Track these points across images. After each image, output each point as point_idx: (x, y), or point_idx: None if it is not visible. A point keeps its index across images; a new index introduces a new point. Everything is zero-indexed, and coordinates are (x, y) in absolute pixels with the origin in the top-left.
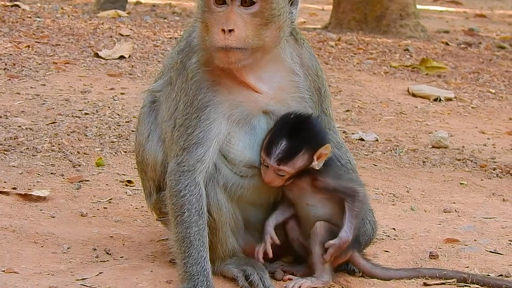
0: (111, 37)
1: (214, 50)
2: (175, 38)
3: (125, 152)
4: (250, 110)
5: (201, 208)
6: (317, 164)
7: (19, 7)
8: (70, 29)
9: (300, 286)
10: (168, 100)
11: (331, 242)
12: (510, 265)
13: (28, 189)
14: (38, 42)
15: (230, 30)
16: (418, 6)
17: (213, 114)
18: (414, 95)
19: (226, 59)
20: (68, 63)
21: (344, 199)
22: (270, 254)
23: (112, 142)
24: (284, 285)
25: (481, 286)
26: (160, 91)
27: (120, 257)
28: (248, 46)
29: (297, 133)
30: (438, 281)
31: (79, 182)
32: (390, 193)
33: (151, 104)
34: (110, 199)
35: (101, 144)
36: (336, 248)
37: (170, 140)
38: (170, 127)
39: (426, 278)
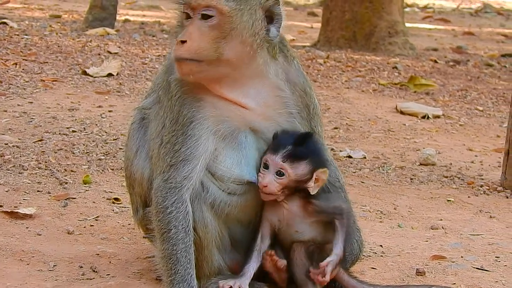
0: (99, 54)
1: (173, 61)
2: (164, 55)
3: (112, 169)
4: (237, 125)
5: (187, 225)
6: (312, 188)
7: (7, 24)
8: (58, 46)
9: None
10: (157, 118)
11: (329, 259)
12: (497, 281)
13: (15, 207)
14: (26, 60)
15: (182, 41)
16: (407, 24)
17: (199, 131)
18: (402, 113)
19: (179, 70)
20: (55, 80)
21: (333, 218)
22: None
23: (99, 159)
24: None
25: None
26: (150, 108)
27: (107, 274)
28: (202, 58)
29: (304, 142)
30: None
31: (65, 199)
32: (378, 210)
33: (141, 121)
34: (97, 216)
35: (88, 161)
36: (334, 265)
37: (157, 157)
38: (157, 144)
39: None
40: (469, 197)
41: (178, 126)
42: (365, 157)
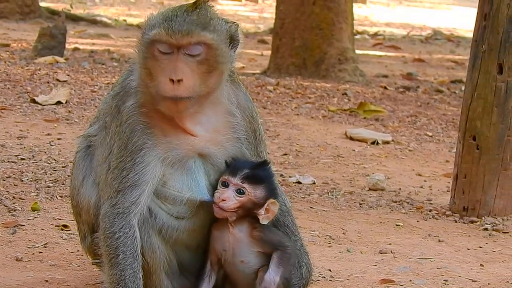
0: (48, 82)
1: (161, 99)
2: (113, 83)
3: (61, 196)
4: (186, 153)
5: (135, 251)
6: (262, 217)
7: None
8: (7, 75)
9: None
10: (103, 144)
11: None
12: None
13: None
14: None
15: (179, 80)
16: (357, 51)
17: (148, 157)
18: (351, 139)
19: (174, 108)
20: (4, 109)
21: (274, 251)
22: None
23: (48, 187)
24: None
25: None
26: (96, 135)
27: None
28: (195, 95)
29: (261, 168)
30: None
31: (14, 227)
32: (327, 235)
33: (86, 149)
34: (46, 243)
35: (37, 189)
36: None
37: (105, 183)
38: (105, 170)
39: None
40: (418, 221)
41: (127, 153)
42: (314, 183)
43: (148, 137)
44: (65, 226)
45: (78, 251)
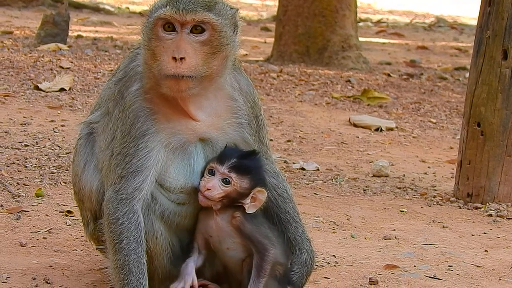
0: (51, 69)
1: (163, 78)
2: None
3: (65, 183)
4: (187, 138)
5: (139, 236)
6: (248, 206)
7: None
8: (10, 62)
9: None
10: (106, 130)
11: None
12: None
13: None
14: None
15: (181, 58)
16: (361, 38)
17: (151, 143)
18: (355, 125)
19: (176, 87)
20: (7, 95)
21: (254, 253)
22: None
23: (52, 173)
24: None
25: None
26: (98, 122)
27: (60, 286)
28: (197, 75)
29: (249, 157)
30: None
31: (18, 212)
32: (331, 221)
33: (88, 136)
34: (50, 229)
35: (40, 175)
36: None
37: (108, 169)
38: (108, 156)
39: None
40: (422, 207)
41: (130, 138)
42: (318, 169)
43: (152, 123)
44: (69, 212)
45: (82, 236)
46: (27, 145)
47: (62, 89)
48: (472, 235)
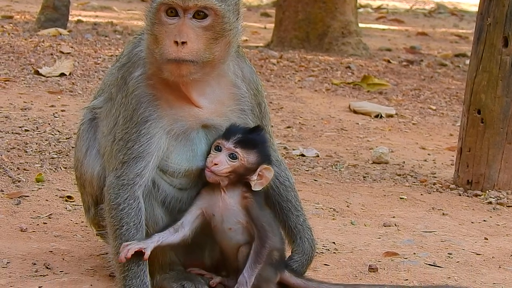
0: (51, 54)
1: (165, 62)
2: (116, 55)
3: (65, 168)
4: (190, 124)
5: (139, 222)
6: (255, 183)
7: None
8: (10, 46)
9: None
10: (108, 116)
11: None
12: (449, 277)
13: None
14: None
15: (183, 42)
16: (360, 25)
17: (153, 129)
18: (355, 112)
19: (177, 71)
20: (8, 80)
21: (255, 238)
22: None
23: (52, 158)
24: None
25: None
26: (101, 107)
27: (60, 271)
28: (199, 60)
29: (254, 133)
30: None
31: (18, 197)
32: (331, 208)
33: (91, 121)
34: (50, 214)
35: (41, 160)
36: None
37: (110, 154)
38: (110, 141)
39: None
40: (422, 194)
41: (132, 124)
42: (318, 156)
43: (154, 109)
44: (69, 197)
45: (82, 222)
46: (27, 130)
47: (62, 74)
48: (472, 222)
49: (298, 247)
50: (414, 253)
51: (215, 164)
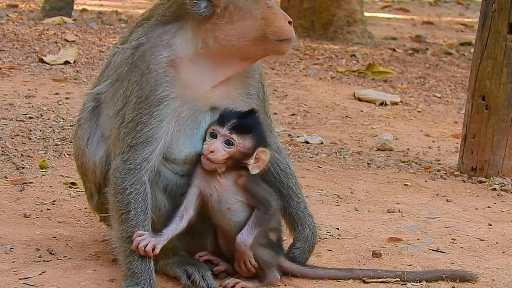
0: (56, 42)
1: (279, 41)
2: (124, 36)
3: (69, 154)
4: (199, 106)
5: (146, 208)
6: (252, 166)
7: None
8: (15, 35)
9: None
10: (116, 97)
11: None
12: (453, 263)
13: None
14: None
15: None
16: (366, 13)
17: (166, 110)
18: (360, 100)
19: (287, 48)
20: (12, 68)
21: (257, 207)
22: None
23: (56, 145)
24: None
25: (419, 282)
26: (106, 91)
27: (63, 257)
28: None
29: (248, 117)
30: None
31: (22, 184)
32: (334, 194)
33: (93, 109)
34: (54, 200)
35: (45, 147)
36: (237, 252)
37: (116, 138)
38: (117, 124)
39: (360, 278)
40: (426, 181)
41: (145, 105)
42: (322, 143)
43: (172, 90)
44: (73, 183)
45: (86, 208)
46: (31, 117)
47: (66, 62)
48: (476, 208)
49: (299, 234)
50: (418, 239)
51: (212, 152)
